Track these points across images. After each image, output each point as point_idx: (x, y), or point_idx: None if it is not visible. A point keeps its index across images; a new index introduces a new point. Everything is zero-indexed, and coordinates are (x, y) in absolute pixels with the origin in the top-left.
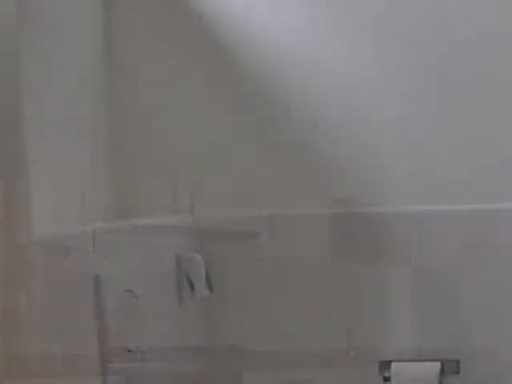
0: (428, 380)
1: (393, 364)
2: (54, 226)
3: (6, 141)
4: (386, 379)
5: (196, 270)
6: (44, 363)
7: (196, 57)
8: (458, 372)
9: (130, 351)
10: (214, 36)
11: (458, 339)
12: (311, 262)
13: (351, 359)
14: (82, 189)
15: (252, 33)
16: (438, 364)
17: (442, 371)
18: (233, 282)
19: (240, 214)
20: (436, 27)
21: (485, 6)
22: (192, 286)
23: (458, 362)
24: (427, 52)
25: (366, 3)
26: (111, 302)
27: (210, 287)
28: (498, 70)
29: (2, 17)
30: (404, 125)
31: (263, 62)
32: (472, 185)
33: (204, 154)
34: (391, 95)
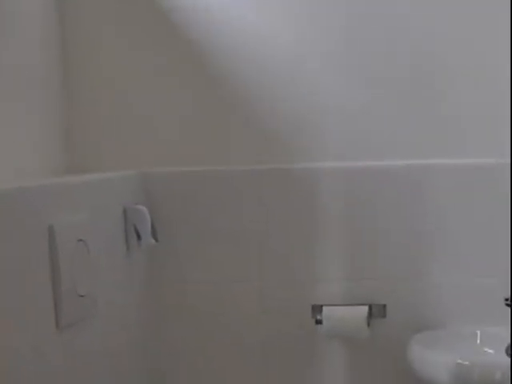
0: (357, 322)
1: (324, 308)
2: (11, 179)
3: None
4: (318, 322)
5: (142, 221)
6: None
7: (147, 21)
8: (384, 315)
9: (81, 296)
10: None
11: (384, 285)
12: (245, 215)
13: (286, 304)
14: (37, 145)
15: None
16: (366, 308)
17: (370, 314)
18: (176, 232)
19: (183, 170)
20: None
21: None
22: (139, 236)
23: (384, 306)
24: (362, 15)
25: None
26: (64, 251)
27: (155, 237)
28: (430, 32)
29: None
30: (337, 87)
31: (208, 32)
32: (403, 142)
33: (153, 114)
34: (327, 58)
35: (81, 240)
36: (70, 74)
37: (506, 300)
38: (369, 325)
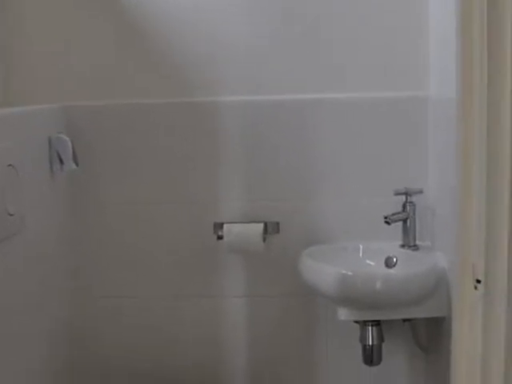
0: (253, 238)
1: (225, 225)
2: None
3: None
4: (220, 237)
5: (64, 148)
6: None
7: None
8: (277, 231)
9: (11, 215)
10: None
11: (278, 205)
12: (158, 143)
13: (191, 221)
14: None
15: None
16: (262, 225)
17: (265, 231)
18: (96, 158)
19: (101, 103)
20: None
21: None
22: (61, 162)
23: (277, 223)
24: None
25: None
26: None
27: (76, 162)
28: None
29: None
30: (237, 27)
31: None
32: (298, 78)
33: (77, 52)
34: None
35: (10, 165)
36: (7, 15)
37: (385, 218)
38: (264, 240)
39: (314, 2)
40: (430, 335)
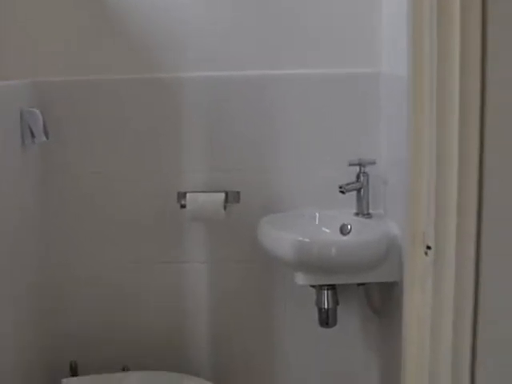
0: (215, 207)
1: (188, 194)
2: None
3: None
4: (183, 206)
5: (35, 121)
6: None
7: None
8: (238, 201)
9: None
10: None
11: (238, 175)
12: (124, 117)
13: (156, 191)
14: None
15: None
16: (223, 194)
17: (226, 200)
18: (66, 131)
19: (71, 79)
20: None
21: None
22: (33, 134)
23: (238, 192)
24: None
25: None
26: None
27: (46, 135)
28: None
29: None
30: (204, 5)
31: None
32: (258, 55)
33: (49, 30)
34: None
35: None
36: None
37: (340, 187)
38: (225, 208)
39: None
40: (382, 299)
